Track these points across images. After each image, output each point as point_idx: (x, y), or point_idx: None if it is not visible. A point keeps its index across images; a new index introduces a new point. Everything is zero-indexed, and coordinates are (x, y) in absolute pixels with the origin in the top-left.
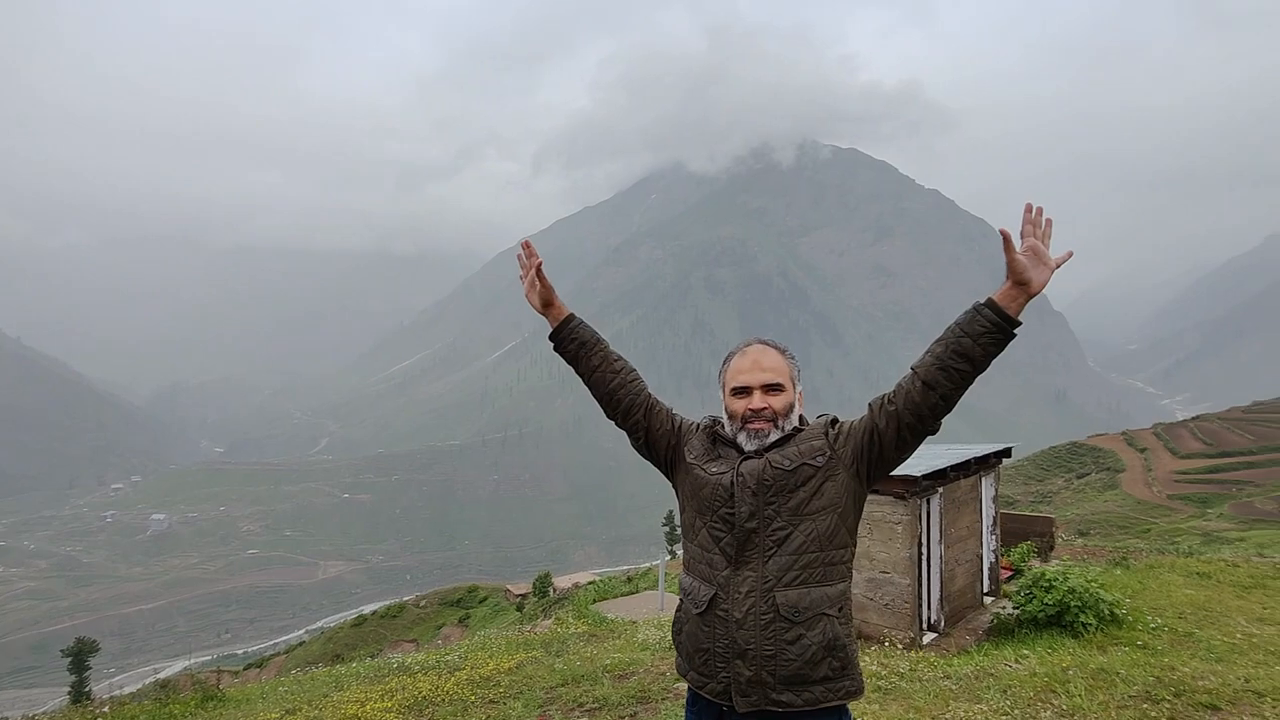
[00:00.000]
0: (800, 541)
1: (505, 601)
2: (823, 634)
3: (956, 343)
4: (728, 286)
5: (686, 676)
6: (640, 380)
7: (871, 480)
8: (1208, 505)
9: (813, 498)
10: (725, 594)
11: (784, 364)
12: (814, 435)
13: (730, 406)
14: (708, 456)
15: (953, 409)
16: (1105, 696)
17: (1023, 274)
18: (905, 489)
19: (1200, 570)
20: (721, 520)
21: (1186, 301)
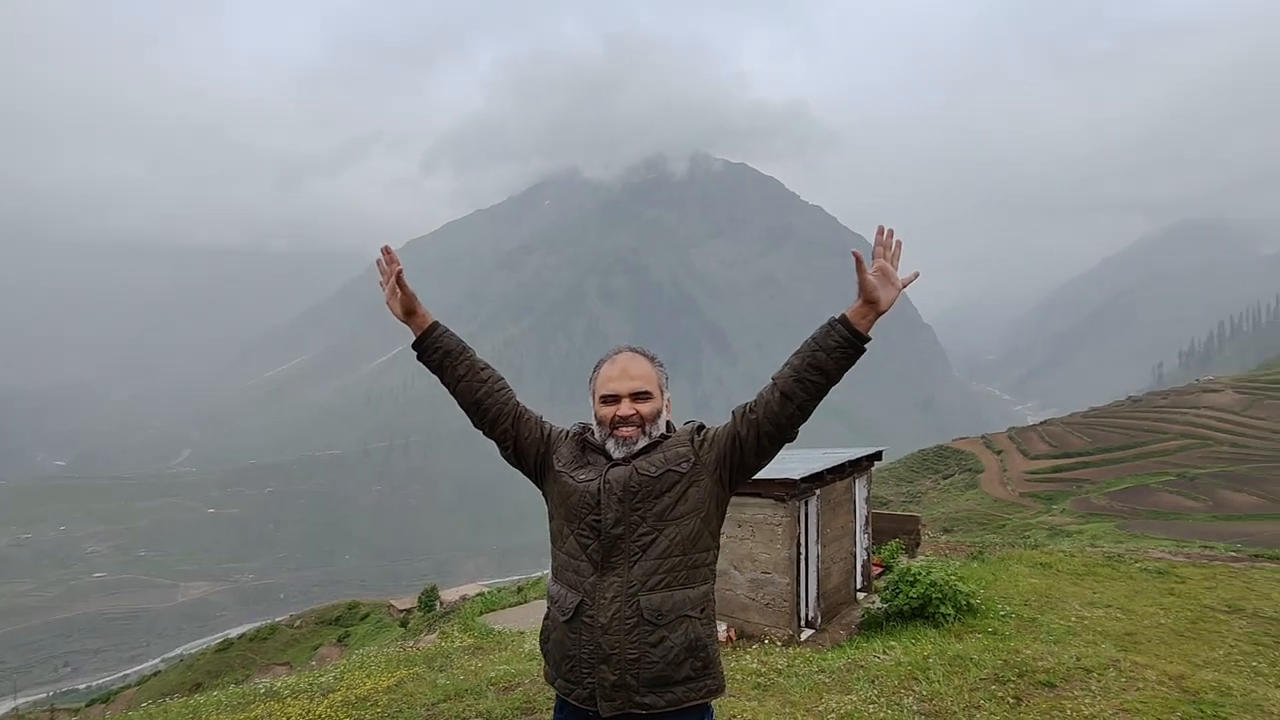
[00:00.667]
0: (665, 546)
1: (389, 618)
2: (685, 635)
3: (812, 356)
4: (621, 294)
5: (554, 684)
6: (508, 389)
7: (734, 485)
8: (1053, 502)
9: (677, 503)
10: (591, 600)
11: (652, 372)
12: (680, 442)
13: (599, 413)
14: (576, 464)
15: (809, 417)
16: (960, 681)
17: (872, 293)
18: (785, 492)
19: (1043, 561)
20: (589, 527)
21: (1036, 316)
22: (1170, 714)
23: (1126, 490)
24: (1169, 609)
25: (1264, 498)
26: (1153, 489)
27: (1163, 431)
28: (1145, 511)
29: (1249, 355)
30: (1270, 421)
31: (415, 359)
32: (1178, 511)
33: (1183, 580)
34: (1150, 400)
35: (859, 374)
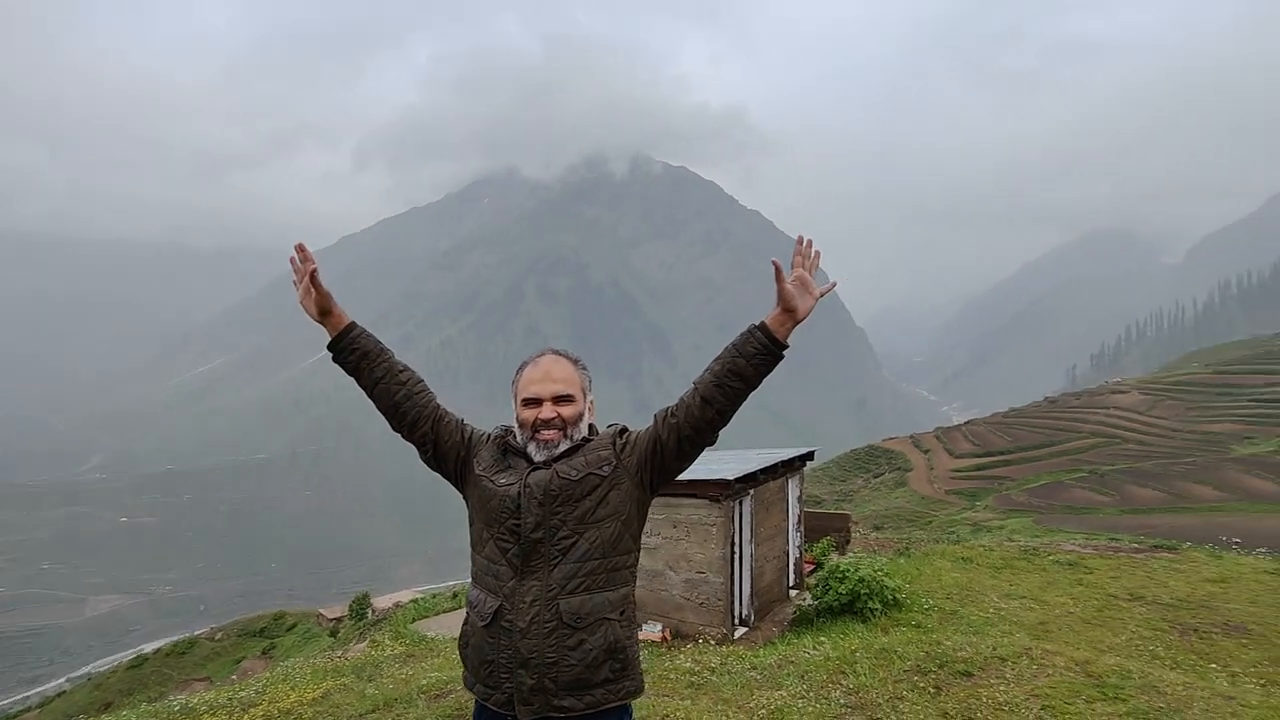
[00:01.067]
0: (585, 549)
1: (318, 627)
2: (604, 638)
3: (732, 362)
4: (561, 295)
5: (473, 689)
6: (427, 391)
7: (655, 488)
8: (976, 498)
9: (598, 506)
10: (510, 605)
11: (575, 375)
12: (602, 445)
13: (520, 416)
14: (497, 468)
15: (729, 421)
16: (885, 673)
17: (790, 302)
18: (720, 492)
19: (964, 556)
20: (509, 532)
21: (961, 320)
22: (1076, 697)
23: (1043, 487)
24: (1078, 599)
25: (1165, 492)
26: (1067, 485)
27: (1076, 431)
28: (1060, 507)
29: (1153, 358)
30: (1171, 420)
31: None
32: (1089, 506)
33: (1091, 571)
34: (1065, 401)
35: (796, 375)
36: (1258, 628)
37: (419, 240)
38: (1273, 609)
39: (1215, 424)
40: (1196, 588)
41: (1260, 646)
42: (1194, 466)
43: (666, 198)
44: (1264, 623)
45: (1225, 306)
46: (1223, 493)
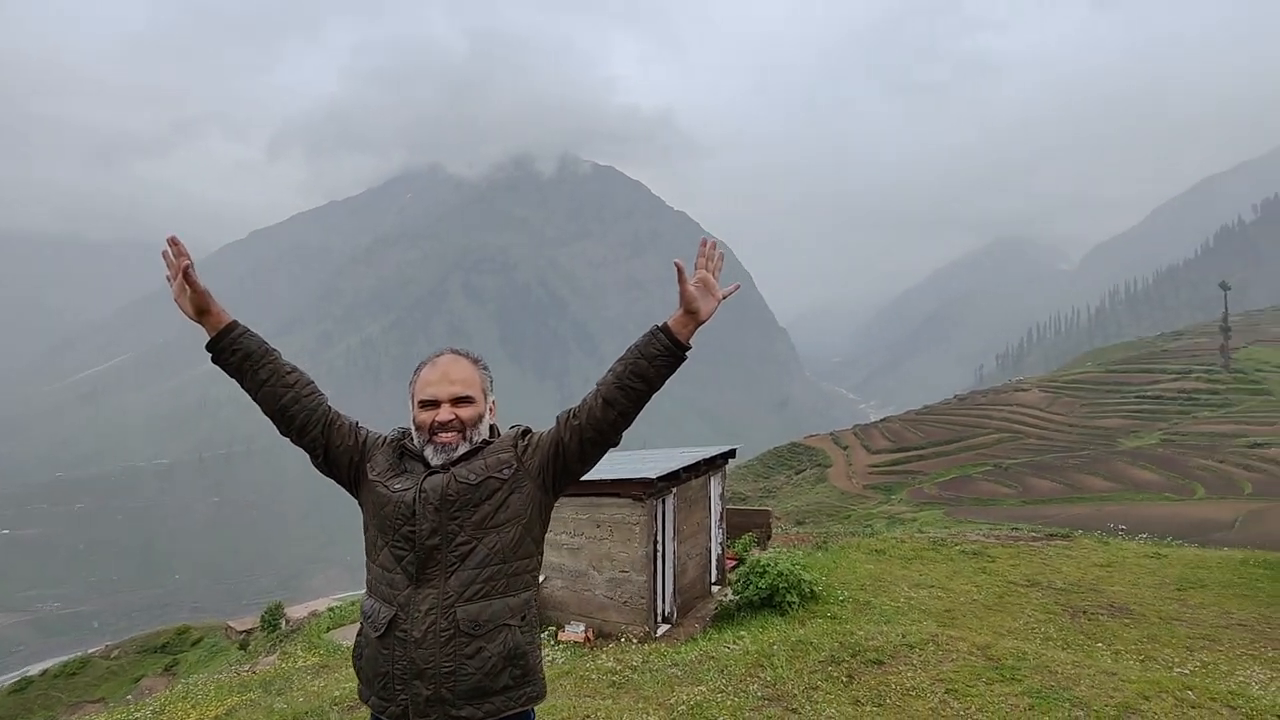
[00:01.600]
0: (484, 555)
1: (226, 641)
2: (503, 645)
3: (634, 364)
4: (487, 293)
5: (369, 702)
6: (318, 394)
7: (558, 490)
8: (892, 493)
9: (498, 511)
10: (405, 614)
11: (475, 375)
12: (502, 447)
13: (417, 419)
14: (392, 472)
15: (632, 423)
16: (801, 664)
17: (692, 303)
18: (643, 491)
19: (878, 548)
20: (404, 539)
21: (878, 322)
22: (977, 680)
23: (953, 480)
24: (981, 586)
25: (1062, 484)
26: (974, 478)
27: (983, 427)
28: (968, 499)
29: (1052, 358)
30: (1068, 416)
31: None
32: (994, 498)
33: (993, 560)
34: (973, 399)
35: (723, 375)
36: (1138, 608)
37: (338, 235)
38: (1151, 590)
39: (1105, 419)
40: (1086, 572)
41: (1140, 625)
42: (1087, 459)
43: (594, 197)
44: (1143, 603)
45: (1115, 310)
46: (1112, 483)
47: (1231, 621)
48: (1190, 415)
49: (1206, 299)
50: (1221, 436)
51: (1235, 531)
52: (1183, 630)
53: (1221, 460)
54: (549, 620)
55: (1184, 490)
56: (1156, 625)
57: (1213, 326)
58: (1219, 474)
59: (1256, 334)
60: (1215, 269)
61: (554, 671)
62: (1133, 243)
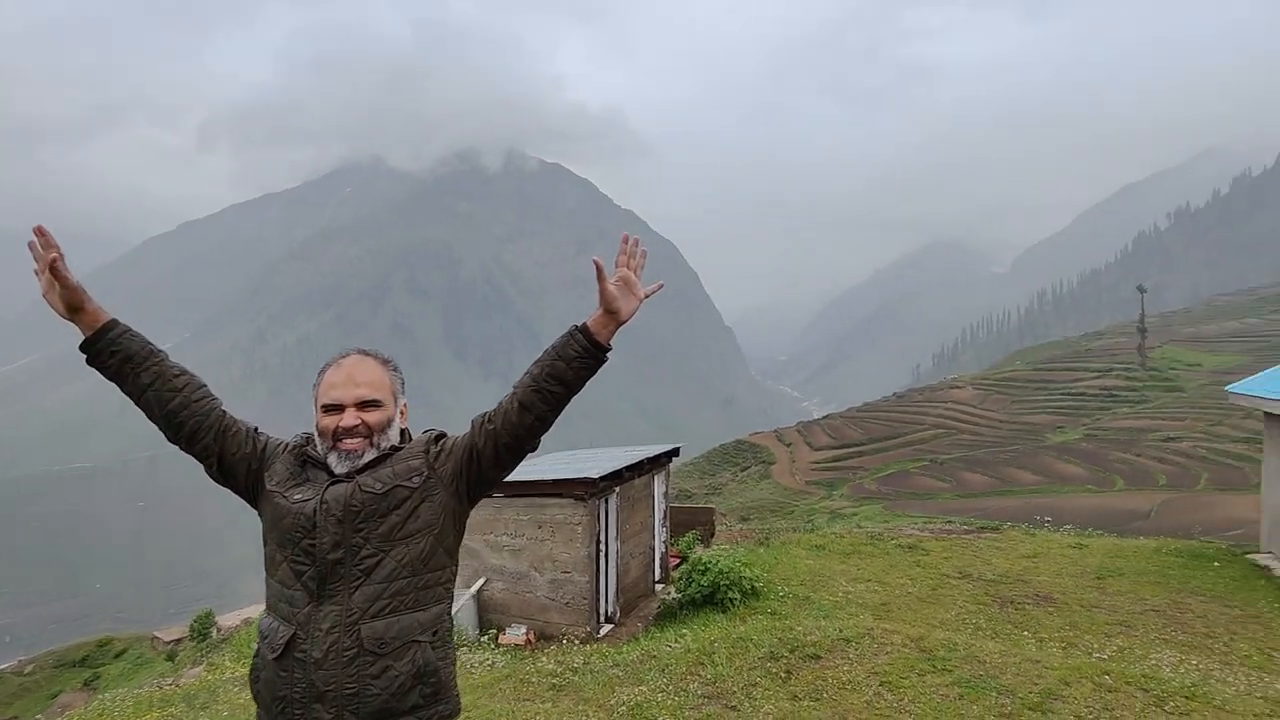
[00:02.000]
0: (392, 568)
1: (152, 652)
2: (412, 662)
3: (551, 365)
4: (431, 290)
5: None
6: (210, 398)
7: (473, 498)
8: (834, 488)
9: (407, 521)
10: (305, 633)
11: (384, 377)
12: (413, 454)
13: (320, 424)
14: (293, 481)
15: (550, 427)
16: (741, 661)
17: (612, 303)
18: (585, 491)
19: (818, 544)
20: (304, 553)
21: (821, 321)
22: (910, 672)
23: (891, 475)
24: (916, 579)
25: (993, 477)
26: (911, 473)
27: (920, 423)
28: (906, 493)
29: (984, 357)
30: (999, 413)
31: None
32: (930, 492)
33: (927, 553)
34: (910, 396)
35: (669, 374)
36: (1061, 596)
37: (273, 229)
38: (1074, 579)
39: (1033, 416)
40: (1014, 563)
41: (1063, 613)
42: (1016, 454)
43: (541, 194)
44: (1066, 592)
45: (1042, 311)
46: (1039, 476)
47: (1146, 607)
48: (1110, 411)
49: (1125, 301)
50: (1139, 431)
51: (1151, 521)
52: (1102, 617)
53: (1139, 454)
54: (490, 623)
55: (1105, 482)
56: (1078, 613)
57: (1131, 327)
58: (1136, 467)
59: (1170, 334)
60: (1133, 273)
61: (493, 675)
62: (1059, 247)
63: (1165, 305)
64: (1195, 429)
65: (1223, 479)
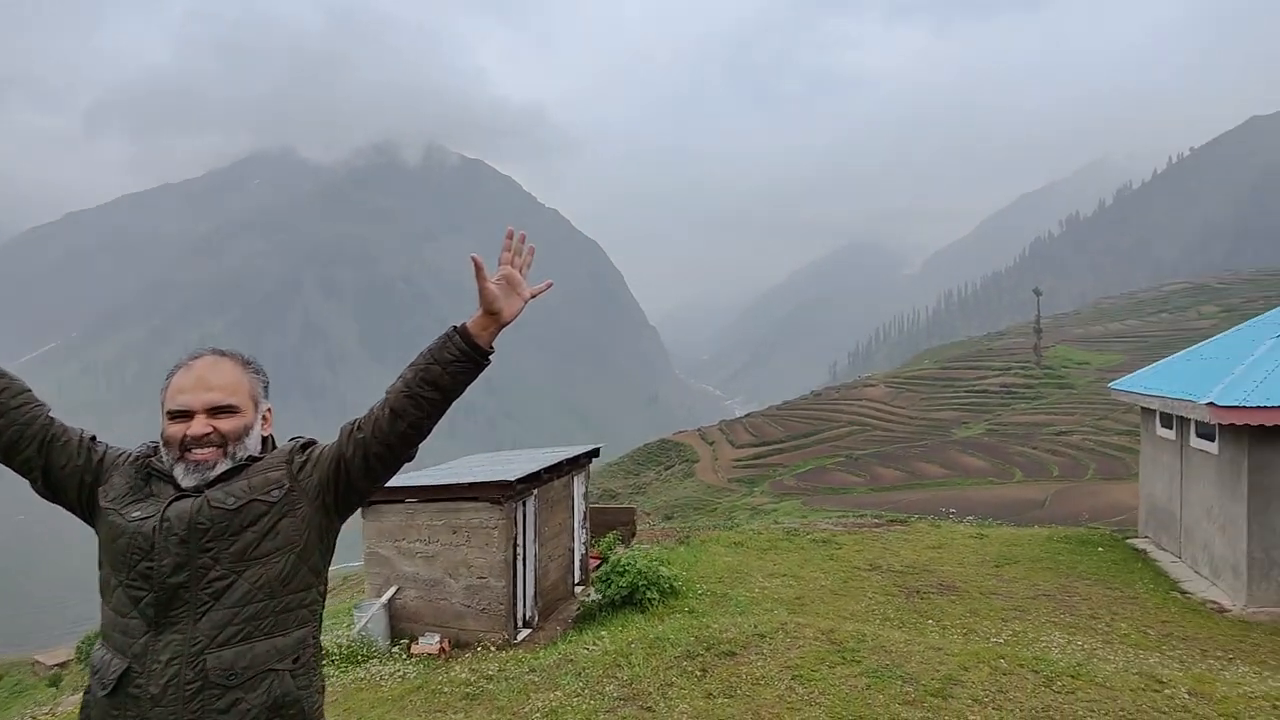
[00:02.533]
0: (246, 590)
1: (33, 677)
2: (268, 693)
3: (426, 369)
4: (346, 288)
5: None
6: (33, 405)
7: (342, 512)
8: (754, 485)
9: (264, 539)
10: (141, 666)
11: (242, 380)
12: (274, 465)
13: (166, 432)
14: (132, 497)
15: (428, 435)
16: (658, 661)
17: (493, 303)
18: (501, 494)
19: (737, 540)
20: (140, 577)
21: (742, 321)
22: (821, 664)
23: (809, 471)
24: (829, 572)
25: (904, 472)
26: (828, 469)
27: (836, 420)
28: (823, 489)
29: (896, 356)
30: (909, 409)
31: (117, 354)
32: (845, 487)
33: (840, 547)
34: (827, 394)
35: (594, 373)
36: (963, 585)
37: (172, 221)
38: (974, 568)
39: (941, 412)
40: (920, 554)
41: (964, 601)
42: (925, 449)
43: (463, 191)
44: (968, 580)
45: (949, 312)
46: (946, 470)
47: (1038, 593)
48: (1010, 407)
49: (1023, 303)
50: (1035, 426)
51: (1045, 510)
52: (999, 603)
53: (1035, 447)
54: (402, 633)
55: (1005, 474)
56: (978, 600)
57: (1028, 328)
58: (1033, 459)
59: (1062, 335)
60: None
61: (404, 687)
62: (964, 251)
63: (1058, 307)
64: (1084, 423)
65: (1108, 469)
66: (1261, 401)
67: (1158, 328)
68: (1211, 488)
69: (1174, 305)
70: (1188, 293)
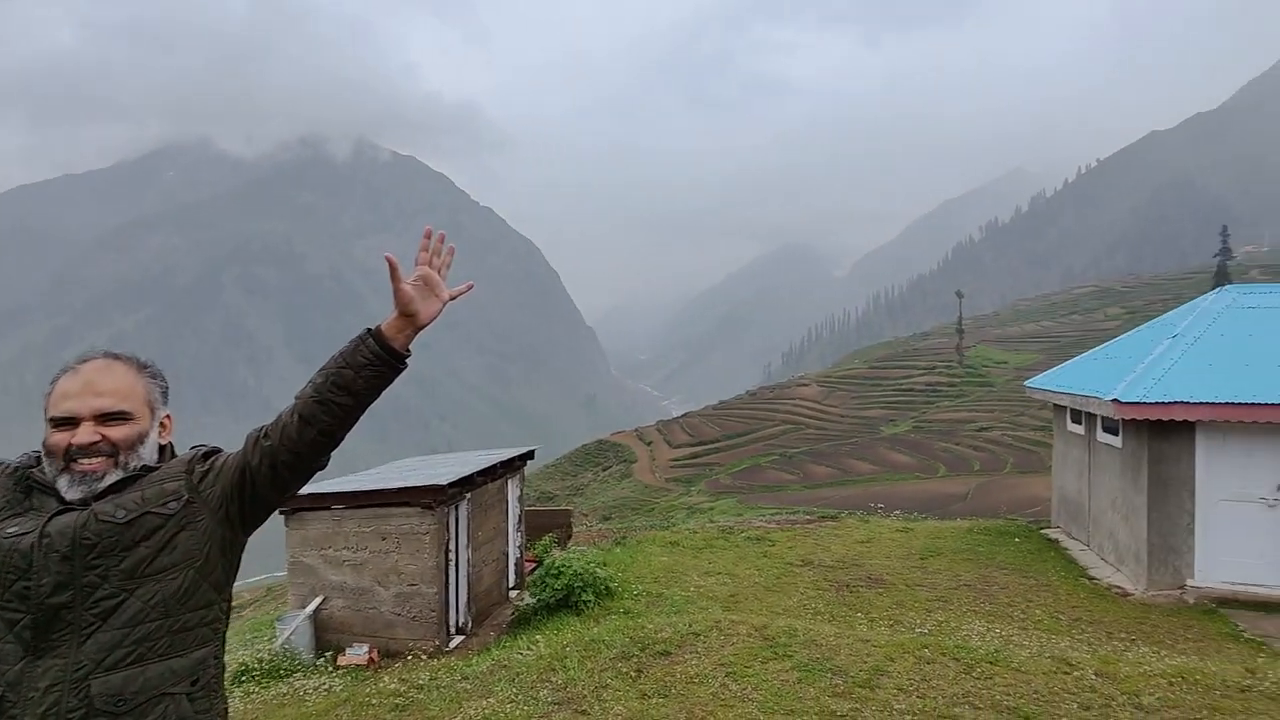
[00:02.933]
0: (137, 610)
1: None
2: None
3: (338, 374)
4: (270, 287)
5: None
6: None
7: (248, 525)
8: (691, 485)
9: (159, 554)
10: (15, 694)
11: (136, 385)
12: (171, 475)
13: (49, 441)
14: (9, 511)
15: (340, 444)
16: (593, 663)
17: (408, 305)
18: (433, 499)
19: (673, 540)
20: (17, 598)
21: (679, 321)
22: (754, 660)
23: (745, 470)
24: (762, 569)
25: (835, 469)
26: (763, 467)
27: (770, 419)
28: (758, 487)
29: (827, 356)
30: (840, 408)
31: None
32: (779, 485)
33: (774, 543)
34: (762, 393)
35: (531, 374)
36: (890, 577)
37: (78, 214)
38: (901, 561)
39: (870, 410)
40: (850, 549)
41: (891, 593)
42: (855, 446)
43: (394, 188)
44: (894, 573)
45: (876, 313)
46: (875, 466)
47: (960, 583)
48: (935, 405)
49: (946, 304)
50: (957, 423)
51: (967, 503)
52: (924, 594)
53: (958, 443)
54: (329, 645)
55: (930, 470)
56: (903, 592)
57: (951, 328)
58: (956, 455)
59: (982, 335)
60: (952, 279)
61: (330, 701)
62: (891, 254)
63: (979, 309)
64: (1002, 420)
65: (1024, 463)
66: (1160, 398)
67: (1069, 328)
68: (1116, 479)
69: (1083, 307)
70: (1095, 295)
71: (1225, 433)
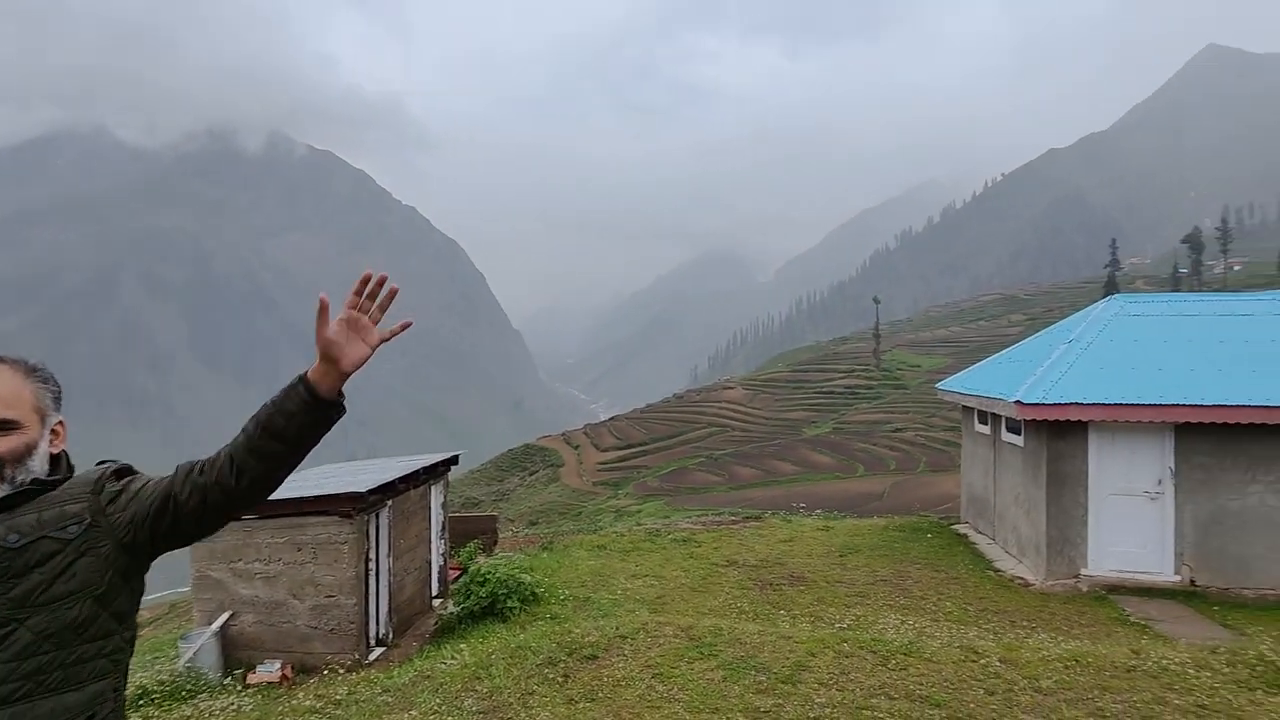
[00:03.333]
0: (28, 641)
1: None
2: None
3: (269, 420)
4: (174, 286)
5: None
6: None
7: (156, 552)
8: (619, 488)
9: (55, 581)
10: None
11: (23, 390)
12: (73, 496)
13: None
14: None
15: (276, 489)
16: (519, 670)
17: (328, 349)
18: (352, 507)
19: (600, 543)
20: None
21: (607, 325)
22: (680, 661)
23: (672, 472)
24: (689, 570)
25: (760, 470)
26: (690, 469)
27: (696, 422)
28: (685, 489)
29: (752, 360)
30: (765, 410)
31: None
32: (706, 486)
33: (700, 545)
34: (689, 397)
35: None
36: (811, 575)
37: None
38: (822, 559)
39: (792, 412)
40: (773, 548)
41: (813, 590)
42: (779, 447)
43: (311, 184)
44: (815, 571)
45: (799, 318)
46: (797, 467)
47: (877, 579)
48: (854, 407)
49: (865, 310)
50: (874, 424)
51: (884, 501)
52: (843, 591)
53: (875, 443)
54: (239, 663)
55: (849, 469)
56: (824, 589)
57: (869, 333)
58: (873, 455)
59: (897, 340)
60: (870, 286)
61: None
62: (813, 260)
63: (894, 315)
64: (916, 421)
65: (936, 462)
66: (1057, 399)
67: (976, 334)
68: (1018, 476)
69: (989, 314)
70: (1000, 303)
71: (1114, 431)
